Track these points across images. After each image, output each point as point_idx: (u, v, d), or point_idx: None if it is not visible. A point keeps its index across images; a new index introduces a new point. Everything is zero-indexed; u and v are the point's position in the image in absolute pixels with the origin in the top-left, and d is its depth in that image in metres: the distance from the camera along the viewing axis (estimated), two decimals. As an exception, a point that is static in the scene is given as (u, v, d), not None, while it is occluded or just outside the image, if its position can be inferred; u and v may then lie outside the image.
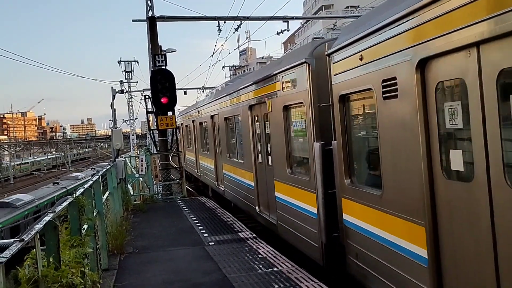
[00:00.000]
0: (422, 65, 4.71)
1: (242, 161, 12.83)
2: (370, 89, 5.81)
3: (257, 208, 11.78)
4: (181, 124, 28.61)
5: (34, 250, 4.21)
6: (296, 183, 8.72)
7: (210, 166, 18.51)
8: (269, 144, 10.51)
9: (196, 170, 23.15)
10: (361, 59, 5.99)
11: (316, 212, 7.80)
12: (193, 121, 23.17)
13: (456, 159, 4.40)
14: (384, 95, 5.45)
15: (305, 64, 7.78)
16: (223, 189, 16.00)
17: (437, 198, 4.66)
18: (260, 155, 11.30)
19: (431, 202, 4.70)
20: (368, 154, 6.68)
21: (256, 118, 11.45)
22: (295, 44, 74.11)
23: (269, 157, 10.52)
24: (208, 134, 18.36)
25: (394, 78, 5.20)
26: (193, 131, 23.36)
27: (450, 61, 4.32)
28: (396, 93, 5.19)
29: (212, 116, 17.29)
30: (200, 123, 20.76)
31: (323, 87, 7.41)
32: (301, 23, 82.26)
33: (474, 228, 4.12)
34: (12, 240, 3.94)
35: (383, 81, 5.43)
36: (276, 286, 6.95)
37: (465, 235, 4.28)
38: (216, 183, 17.26)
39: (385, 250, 5.67)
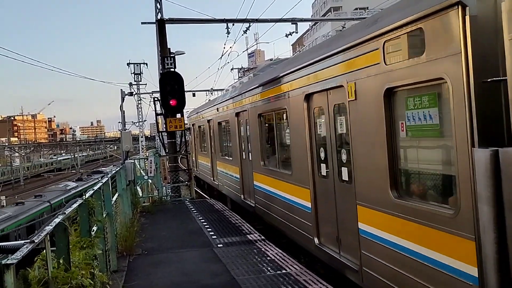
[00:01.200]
0: None
1: (290, 173, 9.50)
2: None
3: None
4: (192, 125, 26.02)
5: (44, 251, 4.24)
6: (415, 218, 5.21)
7: (233, 175, 15.70)
8: (346, 152, 7.00)
9: (212, 178, 20.42)
10: None
11: None
12: (208, 121, 20.37)
13: None
14: None
15: (456, 7, 4.36)
16: (254, 205, 12.72)
17: None
18: (323, 166, 7.91)
19: None
20: None
21: (318, 112, 8.12)
22: (304, 46, 74.02)
23: (347, 170, 7.03)
24: (231, 135, 15.47)
25: None
26: (209, 132, 20.57)
27: None
28: None
29: (237, 114, 14.25)
30: (219, 123, 17.87)
31: (488, 49, 4.28)
32: (309, 25, 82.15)
33: None
34: (22, 241, 3.98)
35: None
36: (285, 288, 6.94)
37: None
38: (242, 195, 14.29)
39: None
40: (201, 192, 24.17)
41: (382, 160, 5.76)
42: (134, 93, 42.68)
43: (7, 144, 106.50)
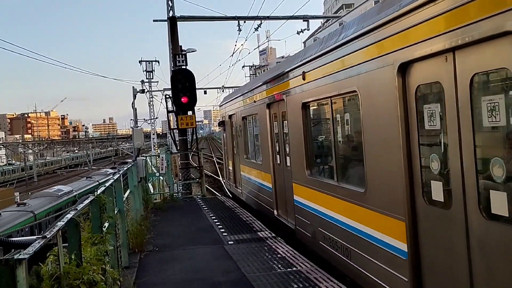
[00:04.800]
0: None
1: (363, 190, 6.39)
2: None
3: None
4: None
5: (57, 247, 4.27)
6: None
7: (262, 184, 12.46)
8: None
9: (234, 184, 16.67)
10: None
11: None
12: (230, 116, 16.83)
13: None
14: None
15: None
16: (294, 226, 9.77)
17: None
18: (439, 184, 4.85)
19: None
20: None
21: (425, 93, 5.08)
22: (315, 43, 73.71)
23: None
24: (261, 133, 12.48)
25: None
26: (231, 130, 16.80)
27: None
28: None
29: (270, 105, 11.33)
30: (244, 118, 14.68)
31: None
32: (321, 22, 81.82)
33: None
34: (35, 237, 4.01)
35: None
36: (295, 286, 6.93)
37: None
38: (275, 211, 11.42)
39: None
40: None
41: None
42: (146, 90, 42.95)
43: (21, 141, 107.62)
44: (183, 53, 18.63)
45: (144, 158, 16.35)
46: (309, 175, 8.67)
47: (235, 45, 29.42)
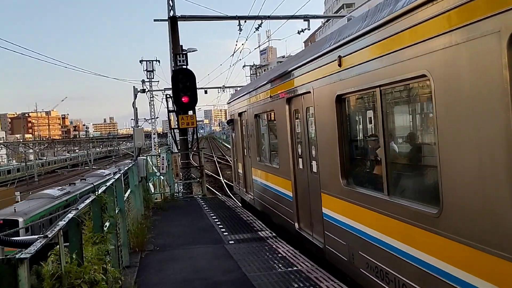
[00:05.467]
0: None
1: (436, 212, 4.73)
2: None
3: None
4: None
5: (58, 246, 4.28)
6: None
7: (279, 191, 10.72)
8: None
9: (244, 189, 14.96)
10: None
11: None
12: (240, 114, 14.94)
13: None
14: None
15: None
16: (323, 246, 8.02)
17: None
18: None
19: None
20: None
21: None
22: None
23: None
24: (278, 133, 10.54)
25: None
26: (240, 129, 14.98)
27: None
28: None
29: (290, 100, 9.55)
30: (256, 116, 12.83)
31: None
32: (322, 22, 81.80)
33: None
34: (36, 236, 4.02)
35: None
36: (296, 285, 6.93)
37: None
38: (297, 224, 9.59)
39: None
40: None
41: None
42: (147, 90, 42.99)
43: (21, 140, 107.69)
44: (183, 52, 18.66)
45: (145, 157, 16.37)
46: (345, 185, 6.94)
47: (236, 45, 29.61)
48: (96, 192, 6.19)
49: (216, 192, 25.68)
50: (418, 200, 5.23)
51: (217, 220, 12.51)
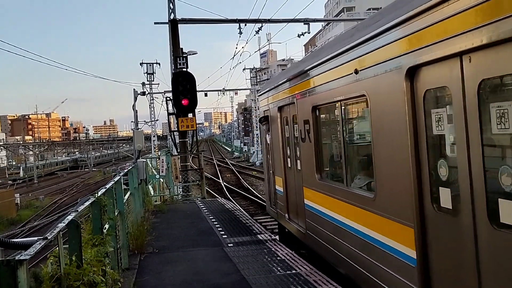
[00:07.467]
0: None
1: None
2: None
3: None
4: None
5: (57, 248, 4.30)
6: None
7: (362, 234, 6.38)
8: None
9: (277, 211, 11.58)
10: None
11: None
12: (280, 109, 10.78)
13: None
14: None
15: None
16: None
17: None
18: None
19: None
20: None
21: None
22: (316, 46, 73.87)
23: None
24: (375, 136, 5.94)
25: None
26: (280, 132, 10.93)
27: None
28: None
29: (414, 74, 4.86)
30: (316, 108, 8.37)
31: None
32: (322, 25, 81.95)
33: None
34: (36, 238, 4.03)
35: None
36: (294, 288, 6.94)
37: None
38: None
39: None
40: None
41: None
42: (147, 92, 43.00)
43: (21, 142, 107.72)
44: (184, 55, 18.72)
45: (145, 160, 16.39)
46: None
47: (236, 48, 29.69)
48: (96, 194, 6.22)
49: (216, 195, 25.70)
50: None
51: (216, 222, 12.52)
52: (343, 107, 7.24)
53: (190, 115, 17.81)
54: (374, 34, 5.64)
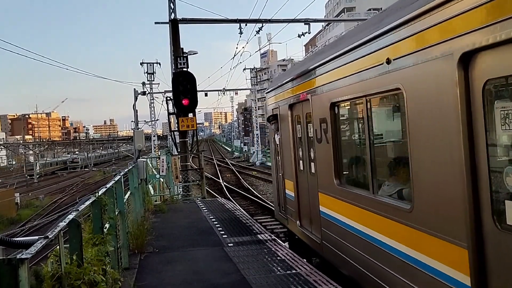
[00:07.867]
0: None
1: None
2: None
3: None
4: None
5: (58, 247, 4.30)
6: None
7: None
8: None
9: (289, 219, 10.87)
10: None
11: None
12: (291, 107, 10.10)
13: None
14: None
15: None
16: None
17: None
18: None
19: None
20: None
21: None
22: (317, 46, 73.87)
23: None
24: (425, 137, 4.94)
25: None
26: (291, 132, 10.24)
27: None
28: None
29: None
30: (333, 106, 7.54)
31: None
32: (322, 25, 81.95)
33: None
34: (37, 237, 4.04)
35: None
36: (295, 288, 6.95)
37: None
38: None
39: None
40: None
41: None
42: (147, 92, 42.98)
43: (21, 141, 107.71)
44: (184, 55, 18.71)
45: (145, 160, 16.39)
46: None
47: (236, 48, 29.70)
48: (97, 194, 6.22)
49: (216, 195, 25.70)
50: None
51: (216, 222, 12.52)
52: (369, 103, 6.37)
53: (190, 115, 17.81)
54: (415, 15, 4.78)
